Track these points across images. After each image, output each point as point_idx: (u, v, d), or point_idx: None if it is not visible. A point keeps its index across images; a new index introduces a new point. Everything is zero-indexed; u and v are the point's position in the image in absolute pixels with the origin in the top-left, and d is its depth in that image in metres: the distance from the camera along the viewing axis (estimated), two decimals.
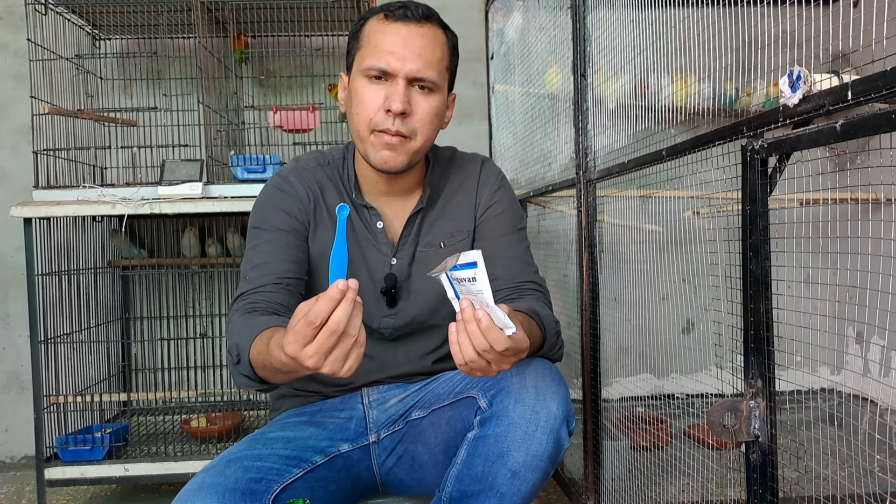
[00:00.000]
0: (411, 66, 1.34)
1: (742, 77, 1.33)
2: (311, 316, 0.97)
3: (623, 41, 1.83)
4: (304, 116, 2.77)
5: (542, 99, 2.55)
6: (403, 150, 1.38)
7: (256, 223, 1.46)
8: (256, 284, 1.37)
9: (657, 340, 1.89)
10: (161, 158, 2.70)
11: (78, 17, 2.88)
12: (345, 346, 1.00)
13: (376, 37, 1.36)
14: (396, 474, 1.47)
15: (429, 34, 1.37)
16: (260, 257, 1.41)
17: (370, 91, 1.36)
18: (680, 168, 1.52)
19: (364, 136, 1.39)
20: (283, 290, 1.36)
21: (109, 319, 3.01)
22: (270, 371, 1.15)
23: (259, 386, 1.24)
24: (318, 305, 0.97)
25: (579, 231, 2.10)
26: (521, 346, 1.11)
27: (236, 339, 1.23)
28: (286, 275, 1.39)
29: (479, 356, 1.07)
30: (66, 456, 2.50)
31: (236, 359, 1.23)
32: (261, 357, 1.15)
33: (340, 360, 1.00)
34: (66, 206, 2.42)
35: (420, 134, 1.39)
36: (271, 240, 1.42)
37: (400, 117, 1.35)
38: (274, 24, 2.99)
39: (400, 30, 1.35)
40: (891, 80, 0.81)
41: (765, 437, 1.12)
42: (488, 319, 1.05)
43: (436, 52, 1.37)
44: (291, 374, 1.14)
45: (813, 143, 0.95)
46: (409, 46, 1.34)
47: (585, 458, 2.17)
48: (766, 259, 1.11)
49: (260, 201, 1.49)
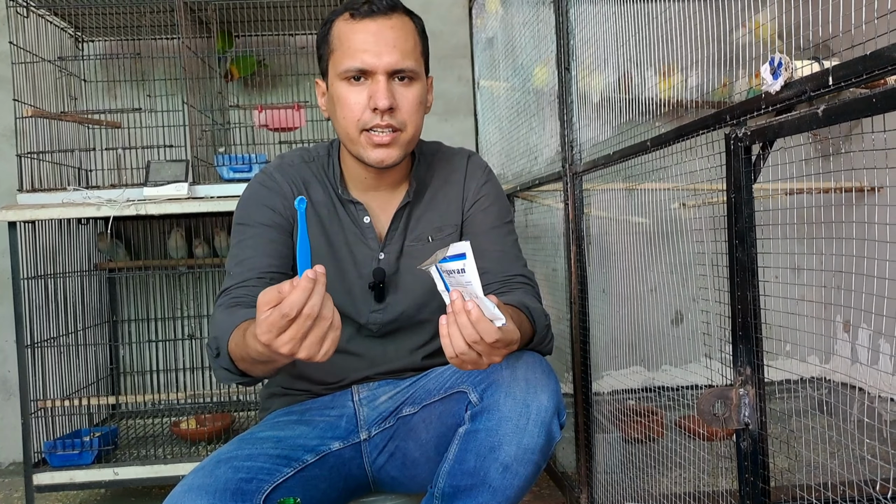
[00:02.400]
0: (388, 60, 1.34)
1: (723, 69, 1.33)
2: (286, 308, 0.97)
3: (606, 34, 1.83)
4: (289, 115, 2.76)
5: (527, 93, 2.55)
6: (396, 143, 1.38)
7: (240, 219, 1.46)
8: (240, 280, 1.37)
9: (647, 332, 1.89)
10: (146, 159, 2.68)
11: (60, 20, 2.86)
12: (319, 331, 1.01)
13: (347, 37, 1.36)
14: (388, 471, 1.47)
15: (398, 24, 1.36)
16: (244, 253, 1.41)
17: (352, 93, 1.36)
18: (665, 159, 1.53)
19: (354, 137, 1.38)
20: (267, 284, 1.34)
21: (97, 322, 2.99)
22: (249, 362, 1.15)
23: (240, 379, 1.24)
24: (292, 297, 0.97)
25: (567, 224, 2.11)
26: (511, 337, 1.11)
27: (215, 333, 1.24)
28: (270, 270, 1.39)
29: (470, 348, 1.08)
30: (55, 461, 2.48)
31: (216, 352, 1.23)
32: (238, 349, 1.16)
33: (317, 345, 1.01)
34: (51, 209, 2.41)
35: (410, 124, 1.39)
36: (255, 235, 1.42)
37: (388, 113, 1.35)
38: (258, 24, 2.98)
39: (369, 26, 1.34)
40: (871, 64, 0.81)
41: (755, 425, 1.12)
42: (478, 311, 1.06)
43: (409, 41, 1.37)
44: (270, 363, 1.14)
45: (795, 129, 0.96)
46: (381, 41, 1.34)
47: (577, 452, 2.17)
48: (752, 246, 1.12)
49: (244, 198, 1.48)
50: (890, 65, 0.78)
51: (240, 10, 2.80)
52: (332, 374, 1.53)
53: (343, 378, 1.52)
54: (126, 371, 3.15)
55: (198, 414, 2.89)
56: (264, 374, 1.24)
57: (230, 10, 2.80)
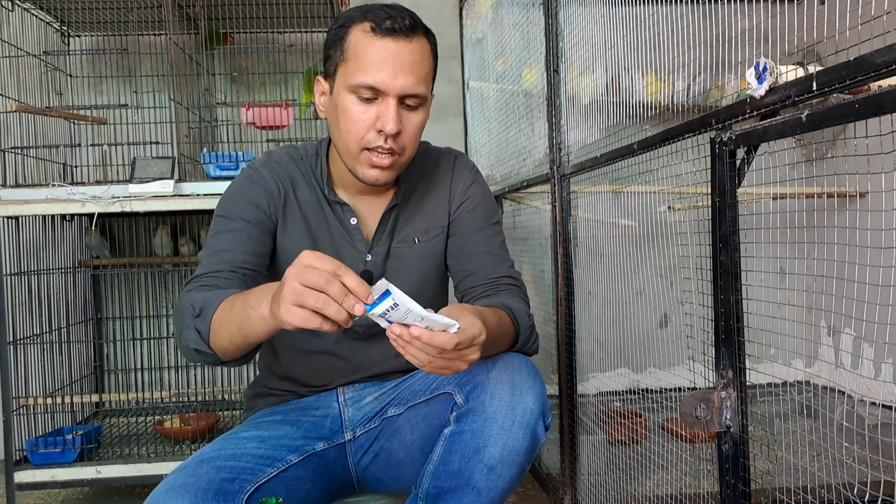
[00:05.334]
0: (403, 84, 1.31)
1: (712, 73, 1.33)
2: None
3: (595, 37, 1.84)
4: (277, 113, 2.75)
5: (516, 95, 2.55)
6: (394, 166, 1.38)
7: (222, 212, 1.43)
8: (212, 269, 1.34)
9: (634, 335, 1.90)
10: (132, 156, 2.67)
11: (46, 14, 2.84)
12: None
13: (364, 51, 1.32)
14: (373, 472, 1.47)
15: (417, 49, 1.33)
16: (219, 245, 1.38)
17: (360, 110, 1.33)
18: (651, 162, 1.53)
19: (354, 153, 1.37)
20: (239, 279, 1.34)
21: (81, 320, 2.98)
22: (227, 329, 1.16)
23: (205, 348, 1.22)
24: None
25: (554, 226, 2.11)
26: (473, 333, 1.10)
27: (203, 295, 1.23)
28: (244, 265, 1.36)
29: (437, 359, 1.08)
30: (37, 459, 2.46)
31: (198, 311, 1.21)
32: (223, 313, 1.16)
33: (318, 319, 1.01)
34: (35, 204, 2.39)
35: (409, 149, 1.38)
36: (234, 229, 1.40)
37: (392, 137, 1.33)
38: (246, 21, 2.97)
39: (389, 45, 1.31)
40: (854, 70, 0.81)
41: (736, 428, 1.12)
42: (425, 332, 1.05)
43: (424, 67, 1.35)
44: (245, 334, 1.14)
45: (779, 133, 0.96)
46: (399, 64, 1.31)
47: (562, 454, 2.18)
48: (736, 250, 1.12)
49: (229, 191, 1.47)
50: (873, 70, 0.79)
51: (228, 6, 2.79)
52: (317, 378, 1.52)
53: (329, 382, 1.52)
54: (110, 369, 3.13)
55: (183, 413, 2.87)
56: (225, 353, 1.22)
57: (218, 7, 2.79)
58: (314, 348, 1.49)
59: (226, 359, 1.24)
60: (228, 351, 1.21)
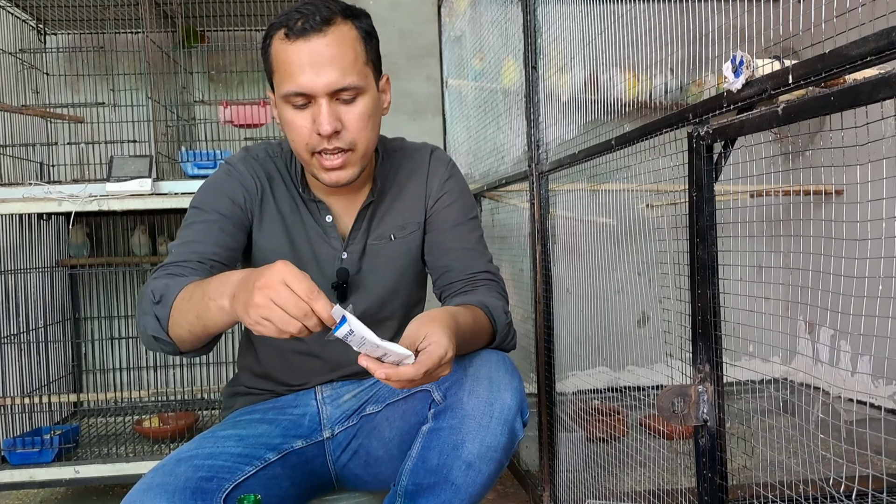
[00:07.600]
0: (326, 81, 1.27)
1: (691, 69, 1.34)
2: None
3: (573, 33, 1.84)
4: (255, 111, 2.73)
5: (495, 93, 2.55)
6: (348, 164, 1.35)
7: (196, 203, 1.42)
8: (179, 259, 1.33)
9: (613, 333, 1.90)
10: (109, 155, 2.64)
11: (22, 11, 2.81)
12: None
13: (283, 59, 1.29)
14: (352, 469, 1.46)
15: (334, 40, 1.28)
16: (191, 235, 1.37)
17: (297, 117, 1.31)
18: (629, 158, 1.53)
19: (307, 159, 1.36)
20: (206, 270, 1.31)
21: (59, 319, 2.95)
22: (185, 318, 1.16)
23: (163, 335, 1.20)
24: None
25: (532, 224, 2.11)
26: (439, 355, 1.10)
27: (164, 282, 1.22)
28: (213, 257, 1.34)
29: (408, 383, 1.10)
30: (14, 459, 2.44)
31: (158, 298, 1.20)
32: (182, 302, 1.16)
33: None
34: (11, 203, 2.36)
35: (360, 141, 1.34)
36: (207, 221, 1.39)
37: (333, 136, 1.31)
38: (223, 19, 2.95)
39: (302, 47, 1.27)
40: (829, 63, 0.82)
41: (713, 422, 1.13)
42: (392, 371, 1.07)
43: (348, 55, 1.30)
44: (204, 324, 1.14)
45: (756, 127, 0.96)
46: (317, 62, 1.27)
47: (541, 450, 2.18)
48: (713, 245, 1.13)
49: (206, 184, 1.46)
50: (848, 63, 0.79)
51: (205, 4, 2.76)
52: (296, 376, 1.51)
53: (307, 381, 1.52)
54: (89, 369, 3.10)
55: (161, 412, 2.85)
56: (181, 340, 1.21)
57: (195, 5, 2.77)
58: (293, 348, 1.49)
59: (184, 348, 1.23)
60: (187, 340, 1.20)
